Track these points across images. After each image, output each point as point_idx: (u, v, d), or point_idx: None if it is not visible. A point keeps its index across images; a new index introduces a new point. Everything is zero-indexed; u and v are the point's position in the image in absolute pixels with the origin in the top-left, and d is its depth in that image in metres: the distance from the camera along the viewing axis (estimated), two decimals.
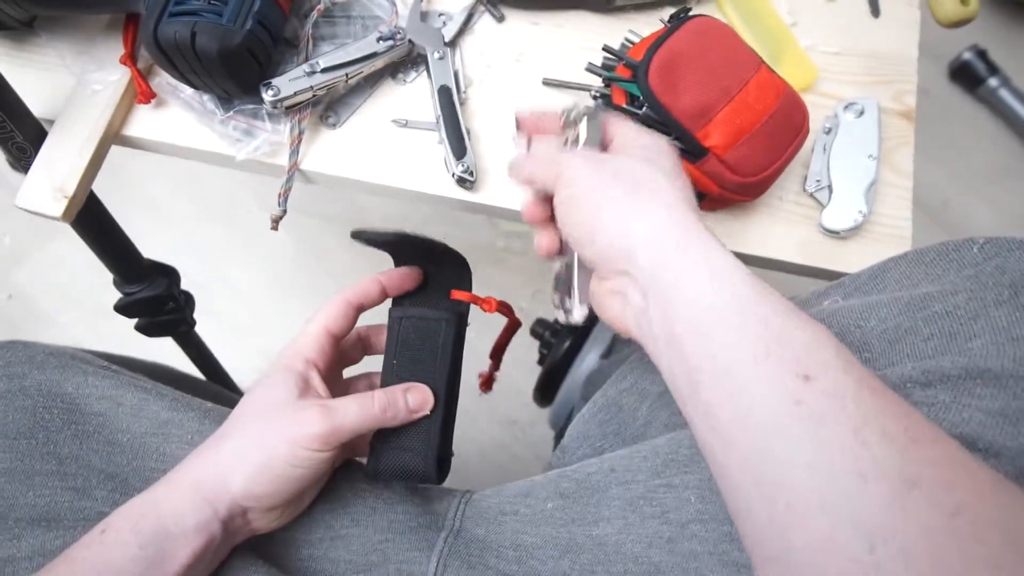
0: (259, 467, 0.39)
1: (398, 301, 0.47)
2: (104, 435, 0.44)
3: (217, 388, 0.71)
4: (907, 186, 0.52)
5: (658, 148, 0.40)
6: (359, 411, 0.41)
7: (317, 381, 0.43)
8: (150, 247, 0.64)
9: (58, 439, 0.43)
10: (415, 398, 0.44)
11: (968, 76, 1.23)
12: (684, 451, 0.39)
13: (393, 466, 0.45)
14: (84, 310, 1.05)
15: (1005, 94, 1.21)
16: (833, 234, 0.50)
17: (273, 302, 1.08)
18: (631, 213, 0.36)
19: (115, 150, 0.54)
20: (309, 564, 0.44)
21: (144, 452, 0.44)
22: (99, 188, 0.52)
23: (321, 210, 1.12)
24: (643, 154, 0.39)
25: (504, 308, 0.49)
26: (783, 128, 0.47)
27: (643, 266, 0.35)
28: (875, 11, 0.57)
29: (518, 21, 0.56)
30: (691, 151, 0.46)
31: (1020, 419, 0.30)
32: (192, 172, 1.12)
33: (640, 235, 0.35)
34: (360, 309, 0.46)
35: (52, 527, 0.41)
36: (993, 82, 1.21)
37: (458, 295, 0.47)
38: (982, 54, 1.22)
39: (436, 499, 0.49)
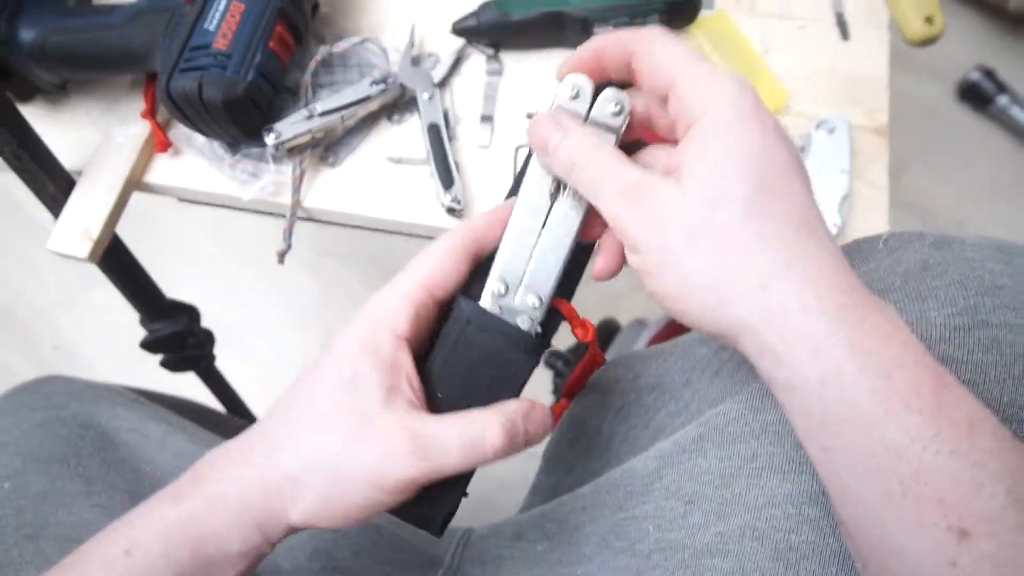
0: (324, 502, 0.31)
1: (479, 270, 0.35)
2: (130, 463, 0.47)
3: (236, 420, 0.74)
4: (883, 198, 0.54)
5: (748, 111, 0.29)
6: (463, 453, 0.31)
7: (407, 367, 0.32)
8: (181, 289, 0.69)
9: (88, 463, 0.46)
10: (537, 427, 0.33)
11: (977, 96, 1.24)
12: (638, 482, 0.40)
13: (403, 511, 0.34)
14: (122, 357, 1.11)
15: (1016, 111, 1.21)
16: None
17: (295, 340, 1.12)
18: (739, 282, 0.27)
19: (150, 202, 0.59)
20: None
21: (165, 482, 0.47)
22: (135, 235, 0.57)
23: (339, 250, 1.17)
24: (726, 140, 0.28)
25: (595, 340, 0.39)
26: None
27: (744, 347, 0.28)
28: (844, 34, 0.59)
29: (504, 61, 0.60)
30: None
31: None
32: (222, 221, 1.19)
33: (746, 313, 0.28)
34: (478, 258, 0.35)
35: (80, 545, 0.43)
36: (1002, 100, 1.22)
37: (560, 304, 0.35)
38: (989, 73, 1.23)
39: (436, 540, 0.49)
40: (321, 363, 0.33)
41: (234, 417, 0.78)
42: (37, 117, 0.58)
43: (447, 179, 0.54)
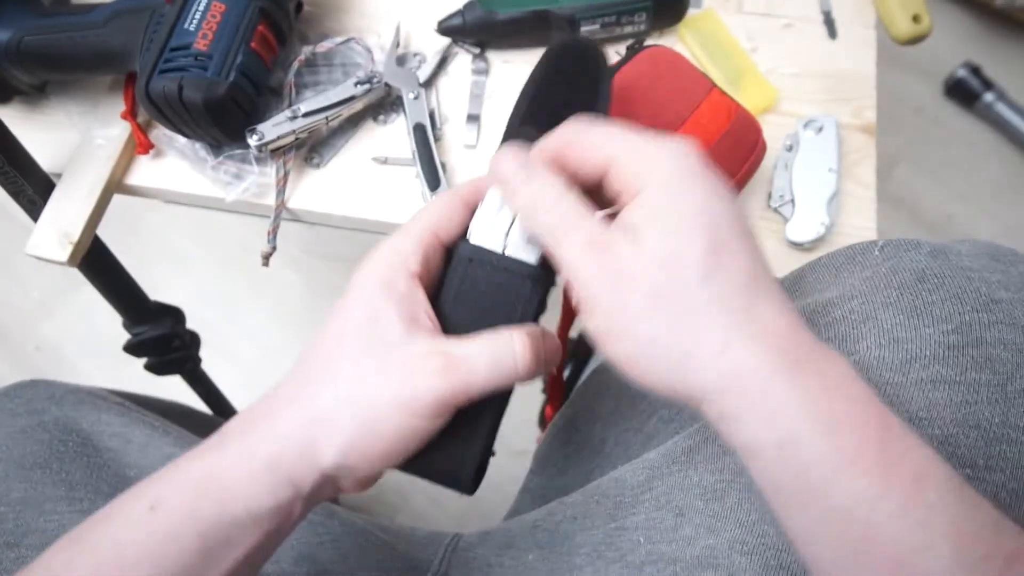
0: (358, 435, 0.30)
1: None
2: (114, 469, 0.46)
3: (223, 423, 0.74)
4: (870, 196, 0.54)
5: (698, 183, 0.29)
6: (492, 367, 0.31)
7: (423, 304, 0.33)
8: (168, 292, 0.68)
9: (71, 468, 0.45)
10: (552, 350, 0.33)
11: (963, 92, 1.24)
12: (628, 492, 0.40)
13: (418, 465, 0.34)
14: (106, 358, 1.10)
15: (1002, 108, 1.22)
16: (798, 246, 0.52)
17: (283, 341, 1.11)
18: (683, 341, 0.27)
19: (133, 203, 0.58)
20: None
21: None
22: (117, 237, 0.56)
23: (326, 251, 1.16)
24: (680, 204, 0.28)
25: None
26: (737, 147, 0.49)
27: (706, 413, 0.28)
28: (832, 33, 0.59)
29: (491, 60, 0.60)
30: None
31: None
32: (207, 221, 1.17)
33: (708, 378, 0.27)
34: (472, 211, 0.35)
35: None
36: (988, 97, 1.22)
37: None
38: (976, 70, 1.23)
39: (425, 544, 0.49)
40: (340, 308, 0.33)
41: (221, 419, 0.77)
42: (15, 119, 0.57)
43: (433, 180, 0.53)
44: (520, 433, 1.06)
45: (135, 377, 0.69)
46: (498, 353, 0.31)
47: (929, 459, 0.26)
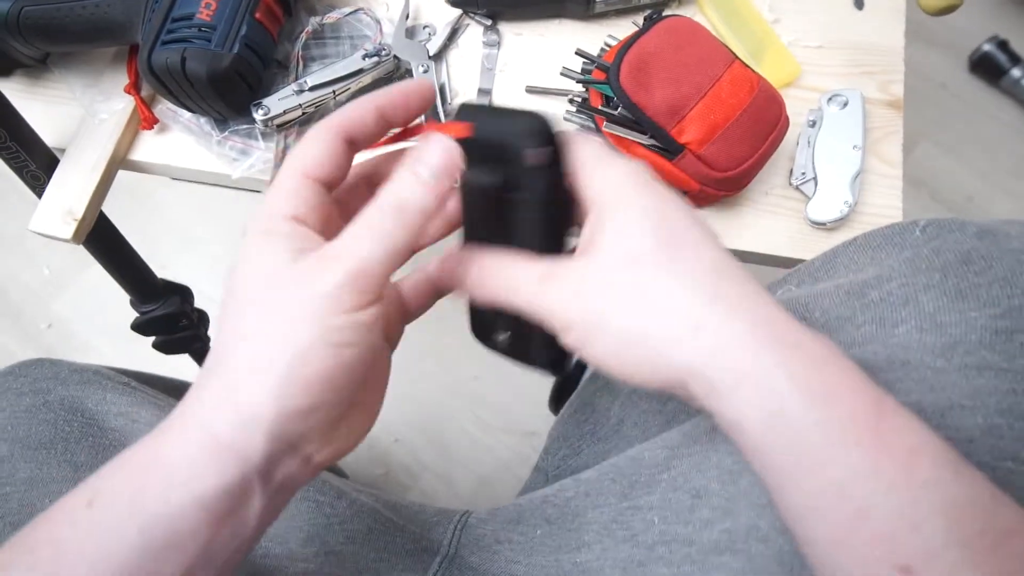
0: (288, 370, 0.27)
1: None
2: (118, 449, 0.46)
3: None
4: (896, 175, 0.52)
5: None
6: (370, 229, 0.28)
7: (312, 238, 0.30)
8: (176, 270, 0.68)
9: (76, 449, 0.45)
10: (442, 155, 0.31)
11: (989, 67, 1.20)
12: (645, 471, 0.39)
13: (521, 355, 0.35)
14: (116, 335, 1.10)
15: None
16: (820, 226, 0.50)
17: None
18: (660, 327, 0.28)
19: (140, 178, 0.57)
20: None
21: None
22: (124, 213, 0.55)
23: None
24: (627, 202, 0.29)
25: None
26: (759, 121, 0.47)
27: (694, 395, 0.28)
28: (859, 4, 0.57)
29: (502, 32, 0.58)
30: (667, 148, 0.47)
31: (944, 414, 0.29)
32: (216, 197, 1.17)
33: (688, 359, 0.27)
34: (352, 144, 0.31)
35: None
36: (1016, 72, 1.18)
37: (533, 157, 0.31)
38: (1003, 44, 1.19)
39: (433, 524, 0.49)
40: (234, 271, 0.30)
41: None
42: (17, 92, 0.56)
43: None
44: (529, 414, 1.06)
45: (148, 354, 0.68)
46: (369, 220, 0.28)
47: (924, 435, 0.25)
